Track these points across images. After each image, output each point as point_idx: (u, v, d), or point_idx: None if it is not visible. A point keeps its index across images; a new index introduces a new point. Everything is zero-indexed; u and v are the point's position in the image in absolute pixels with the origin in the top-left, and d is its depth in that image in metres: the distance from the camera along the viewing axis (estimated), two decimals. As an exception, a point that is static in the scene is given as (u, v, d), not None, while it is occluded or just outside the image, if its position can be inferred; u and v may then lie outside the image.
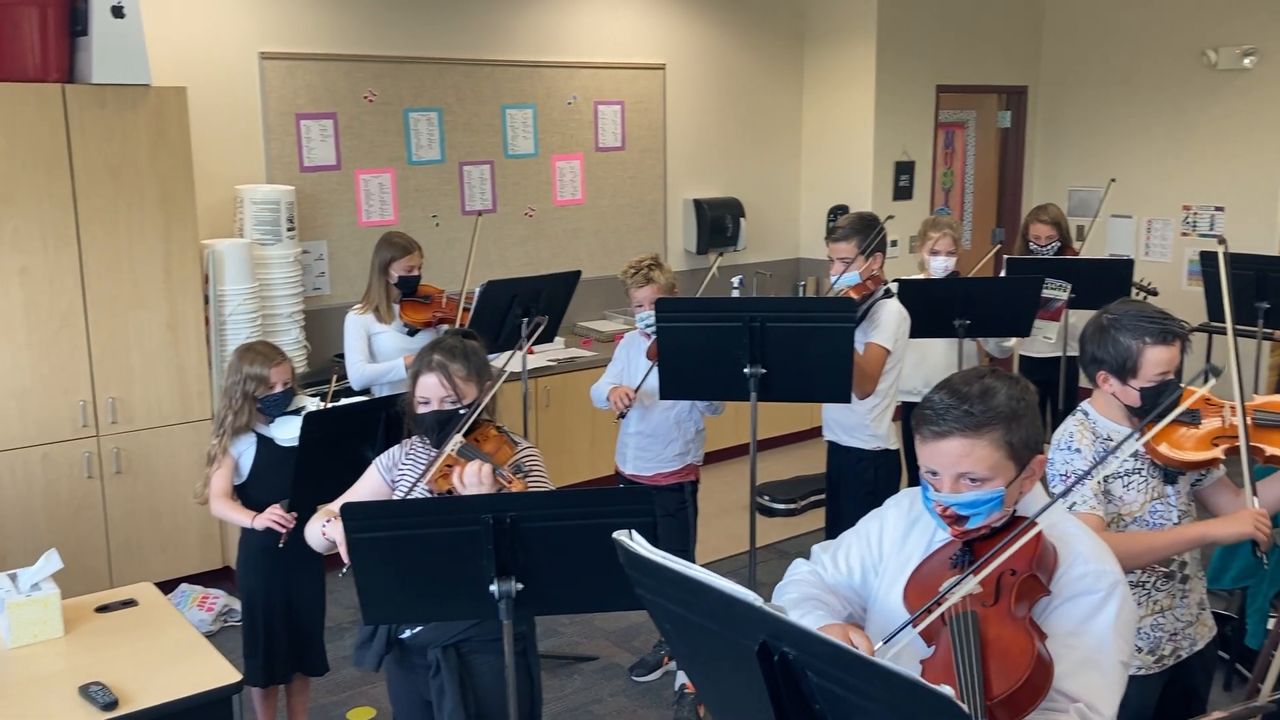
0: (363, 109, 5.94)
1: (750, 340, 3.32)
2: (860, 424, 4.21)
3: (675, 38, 7.05)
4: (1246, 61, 7.26)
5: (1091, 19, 8.03)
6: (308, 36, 5.73)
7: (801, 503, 6.20)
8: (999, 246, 7.84)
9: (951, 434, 1.92)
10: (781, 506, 6.25)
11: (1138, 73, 7.83)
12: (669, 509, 4.32)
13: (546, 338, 4.68)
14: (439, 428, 2.71)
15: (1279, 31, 7.16)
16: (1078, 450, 2.66)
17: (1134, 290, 5.31)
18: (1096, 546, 1.97)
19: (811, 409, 6.74)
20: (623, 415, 4.07)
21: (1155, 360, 2.61)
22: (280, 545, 3.35)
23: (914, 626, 1.93)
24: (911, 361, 4.97)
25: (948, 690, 1.09)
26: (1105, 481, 2.68)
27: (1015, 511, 2.02)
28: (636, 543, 1.46)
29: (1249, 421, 2.74)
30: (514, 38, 6.40)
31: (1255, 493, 2.65)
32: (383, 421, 3.35)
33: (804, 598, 2.17)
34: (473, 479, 2.49)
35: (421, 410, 2.73)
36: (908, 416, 4.65)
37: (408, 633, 2.73)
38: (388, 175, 6.08)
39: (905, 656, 1.99)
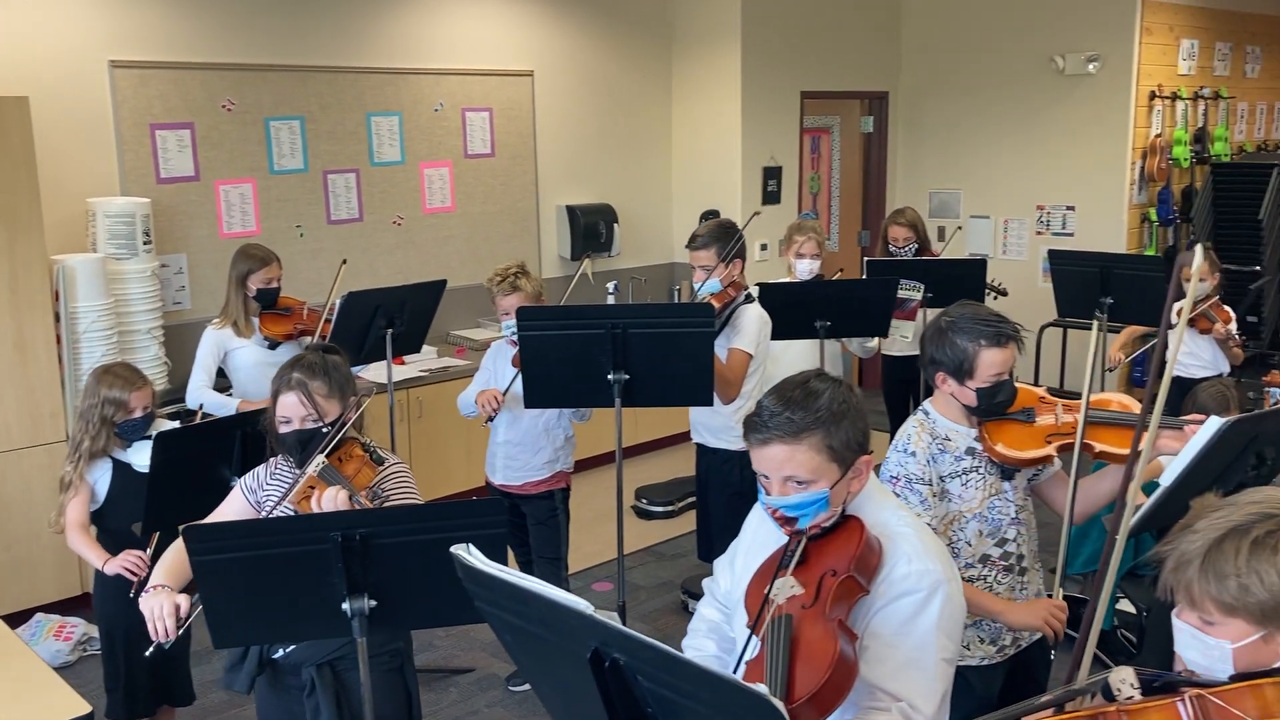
0: (221, 118, 5.79)
1: (613, 347, 3.34)
2: (726, 426, 4.28)
3: (543, 45, 7.05)
4: (1091, 67, 7.60)
5: (947, 27, 8.31)
6: (160, 44, 5.56)
7: (679, 504, 6.26)
8: (864, 248, 8.07)
9: (773, 440, 1.97)
10: (659, 509, 6.30)
11: (991, 78, 8.12)
12: (540, 517, 4.33)
13: (413, 348, 4.64)
14: (301, 447, 2.64)
15: (1120, 38, 7.52)
16: (912, 454, 2.74)
17: (986, 289, 5.51)
18: (922, 546, 2.03)
19: (685, 412, 6.81)
20: (491, 419, 4.06)
21: (990, 361, 2.70)
22: (131, 595, 3.21)
23: (755, 635, 1.98)
24: (780, 364, 5.08)
25: (762, 689, 1.12)
26: (943, 481, 2.77)
27: (845, 510, 2.08)
28: (473, 557, 1.47)
29: (1084, 418, 2.85)
30: (378, 44, 6.32)
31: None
32: (239, 440, 3.27)
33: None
34: (329, 506, 2.44)
35: (283, 430, 2.67)
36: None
37: (280, 652, 2.66)
38: (249, 185, 5.94)
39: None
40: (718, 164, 7.67)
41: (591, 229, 7.18)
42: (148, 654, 2.44)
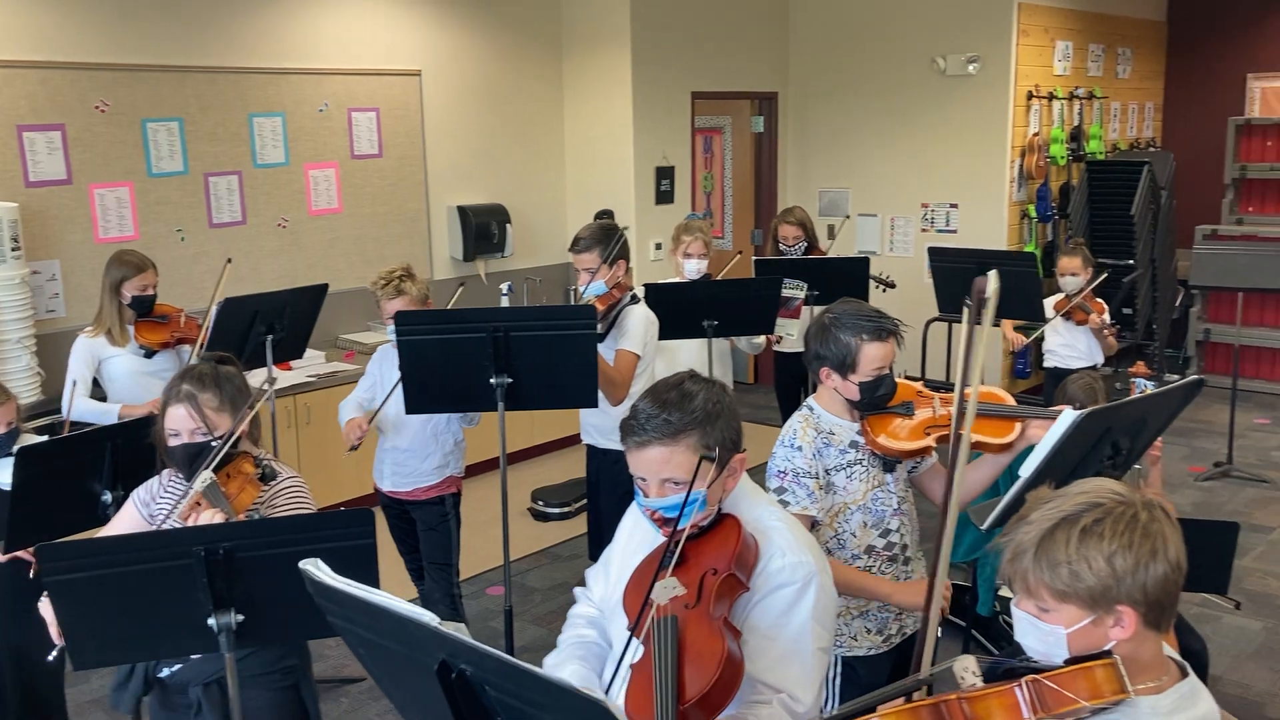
0: (94, 120, 5.61)
1: (494, 350, 3.32)
2: (614, 426, 4.24)
3: (430, 44, 6.98)
4: (971, 68, 7.81)
5: (832, 29, 8.45)
6: (26, 43, 5.36)
7: (574, 506, 6.26)
8: (758, 247, 8.17)
9: (650, 443, 2.00)
10: (555, 510, 6.29)
11: (876, 79, 8.29)
12: (430, 523, 4.28)
13: (295, 354, 4.56)
14: (189, 462, 2.57)
15: (998, 39, 7.74)
16: (798, 448, 2.80)
17: (873, 284, 5.63)
18: (794, 539, 2.08)
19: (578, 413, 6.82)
20: (354, 448, 4.00)
21: (871, 356, 2.78)
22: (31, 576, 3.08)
23: (636, 636, 1.99)
24: (663, 363, 5.11)
25: (599, 695, 1.13)
26: (829, 474, 2.83)
27: (722, 509, 2.11)
28: (322, 571, 1.45)
29: (957, 410, 2.93)
30: (259, 44, 6.19)
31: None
32: (109, 452, 3.17)
33: (569, 647, 2.24)
34: None
35: (172, 443, 2.60)
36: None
37: (166, 670, 2.59)
38: (125, 189, 5.77)
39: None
40: (610, 164, 7.69)
41: (484, 230, 7.14)
42: (51, 658, 2.37)
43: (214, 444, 2.56)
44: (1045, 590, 1.58)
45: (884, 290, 5.84)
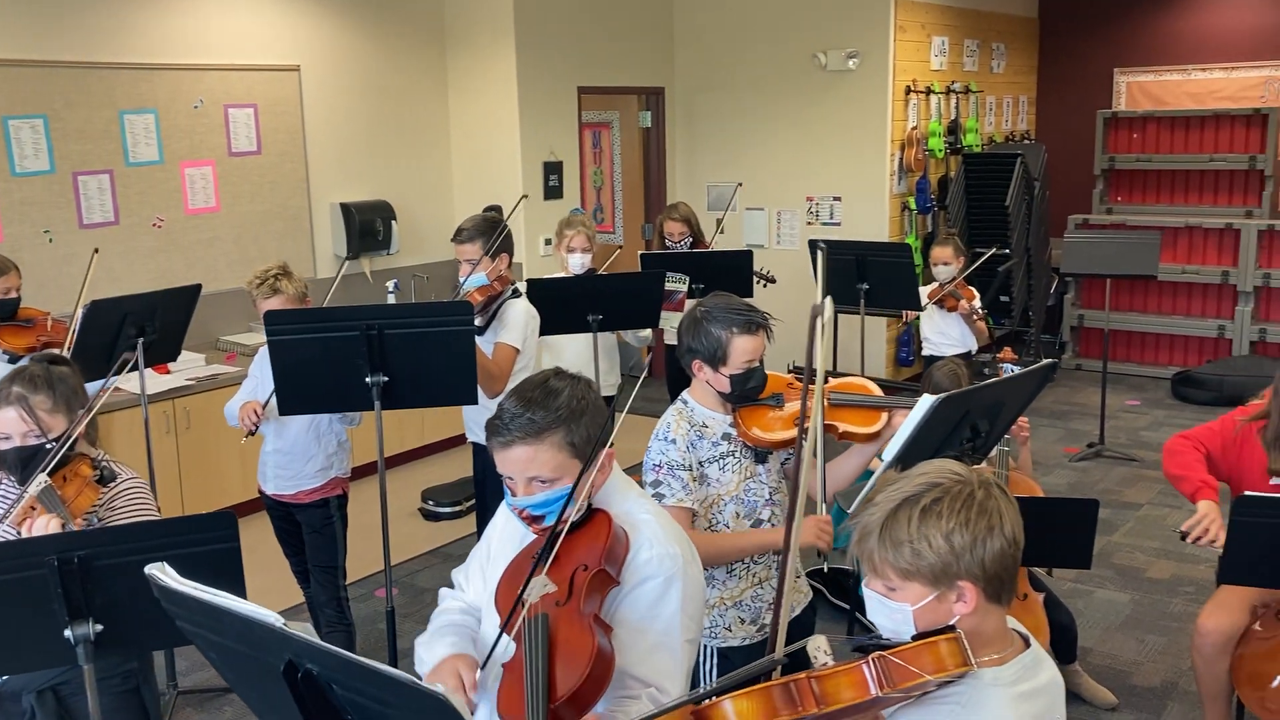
0: (-49, 116, 5.39)
1: (369, 349, 3.29)
2: (498, 423, 4.28)
3: (309, 39, 6.86)
4: (851, 63, 7.97)
5: (716, 25, 8.54)
6: (-126, 36, 5.13)
7: (465, 504, 6.23)
8: (649, 241, 8.21)
9: (515, 442, 2.00)
10: (445, 510, 6.25)
11: (760, 74, 8.40)
12: (315, 525, 4.21)
13: (169, 356, 4.44)
14: (22, 466, 2.50)
15: (876, 35, 7.91)
16: (672, 441, 2.84)
17: (755, 278, 5.71)
18: (663, 531, 2.10)
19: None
20: (252, 433, 3.93)
21: (742, 349, 2.82)
22: None
23: (508, 634, 1.99)
24: (550, 359, 5.12)
25: (439, 689, 1.14)
26: (702, 466, 2.87)
27: (592, 504, 2.13)
28: (167, 576, 1.43)
29: (825, 403, 3.00)
30: (129, 38, 6.00)
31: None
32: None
33: (438, 629, 2.22)
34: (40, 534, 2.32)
35: (3, 446, 2.52)
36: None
37: None
38: (-13, 189, 5.55)
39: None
40: (498, 159, 7.65)
41: (368, 227, 7.04)
42: None
43: (48, 447, 2.49)
44: (891, 569, 1.64)
45: (764, 285, 5.94)
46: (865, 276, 5.51)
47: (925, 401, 2.51)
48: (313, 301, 4.28)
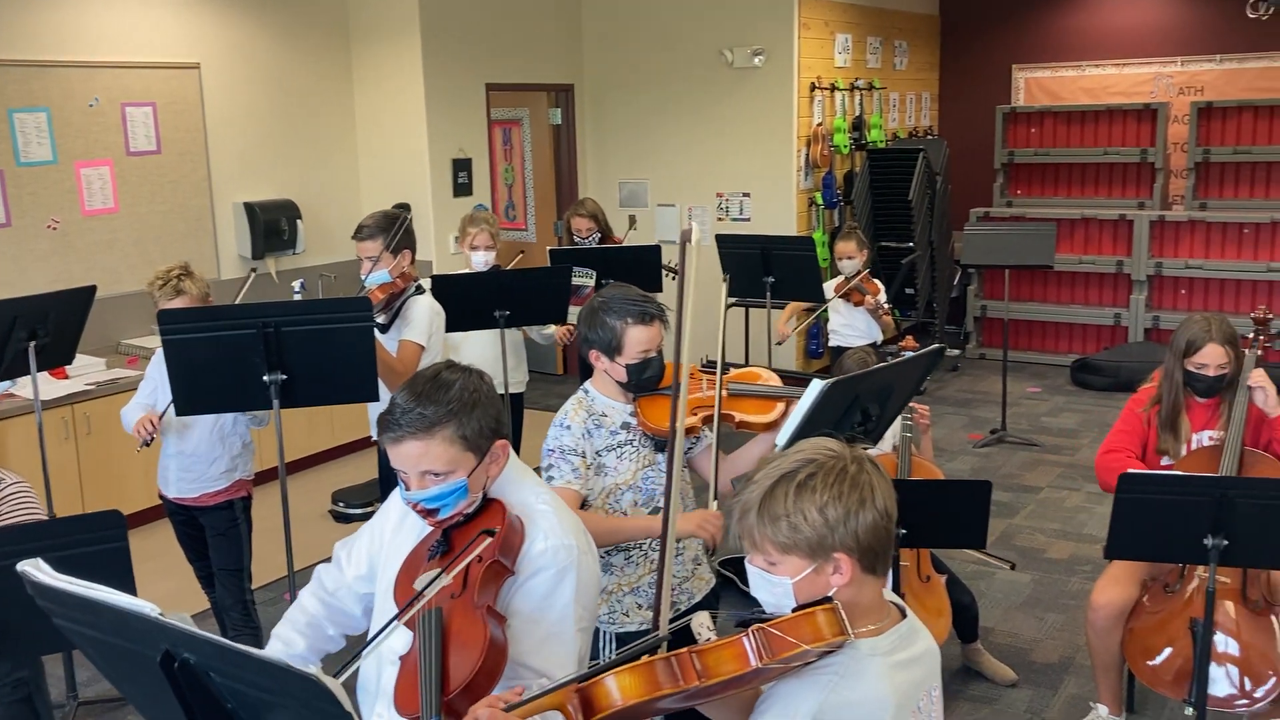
0: None
1: (266, 347, 3.25)
2: (404, 420, 4.25)
3: (209, 36, 6.73)
4: (757, 60, 8.07)
5: (624, 22, 8.58)
6: None
7: (376, 504, 6.16)
8: (560, 238, 8.21)
9: (406, 437, 2.00)
10: (356, 511, 6.20)
11: (669, 71, 8.46)
12: (219, 528, 4.15)
13: (63, 360, 4.34)
14: None
15: (781, 33, 8.02)
16: (568, 428, 2.86)
17: (664, 271, 5.76)
18: (559, 523, 2.11)
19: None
20: (148, 443, 3.85)
21: (637, 339, 2.85)
22: None
23: (400, 620, 2.00)
24: (456, 357, 5.11)
25: (312, 670, 1.15)
26: (600, 455, 2.89)
27: (487, 494, 2.14)
28: (41, 571, 1.41)
29: (724, 393, 3.05)
30: (18, 35, 5.83)
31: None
32: None
33: (286, 626, 2.31)
34: None
35: None
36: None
37: None
38: None
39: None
40: (405, 157, 7.59)
41: (273, 226, 6.94)
42: None
43: None
44: (770, 544, 1.68)
45: (673, 278, 5.99)
46: (771, 270, 5.59)
47: (815, 387, 2.56)
48: (215, 300, 4.21)
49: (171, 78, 6.54)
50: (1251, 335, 3.64)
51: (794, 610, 1.66)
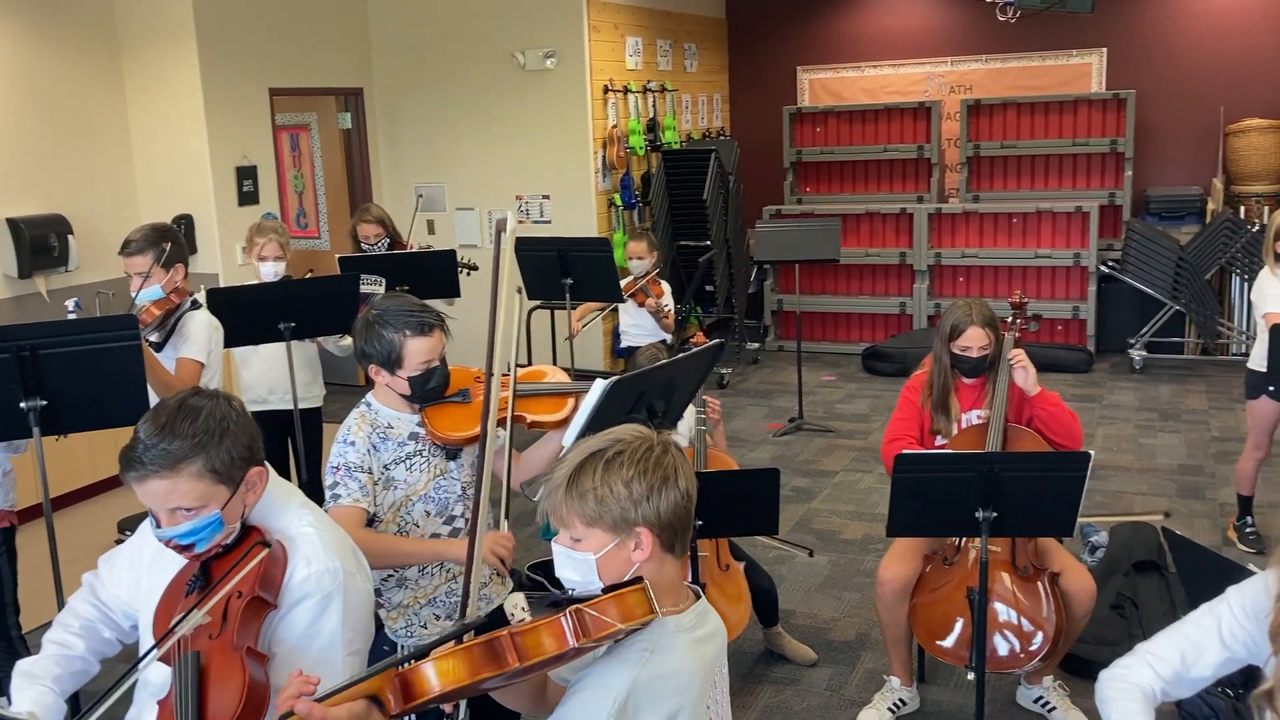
0: None
1: (21, 371, 3.04)
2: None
3: (-43, 39, 6.26)
4: (549, 63, 8.08)
5: (413, 23, 8.45)
6: None
7: (167, 530, 5.88)
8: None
9: (149, 476, 1.90)
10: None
11: (461, 74, 8.39)
12: (-24, 562, 3.87)
13: None
14: None
15: (571, 35, 8.06)
16: (351, 444, 2.79)
17: (461, 269, 5.71)
18: (323, 546, 2.04)
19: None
20: None
21: (417, 350, 2.78)
22: None
23: (156, 654, 1.90)
24: (249, 372, 4.93)
25: (21, 713, 1.08)
26: (387, 469, 2.83)
27: (247, 522, 2.05)
28: None
29: (512, 393, 3.03)
30: None
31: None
32: None
33: (41, 661, 2.15)
34: None
35: None
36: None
37: None
38: None
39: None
40: (186, 166, 7.25)
41: (41, 243, 6.51)
42: None
43: None
44: (576, 518, 1.75)
45: (468, 274, 5.94)
46: (569, 271, 5.62)
47: (599, 386, 2.59)
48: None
49: (-86, 85, 6.05)
50: (1009, 319, 3.88)
51: (605, 591, 1.71)
